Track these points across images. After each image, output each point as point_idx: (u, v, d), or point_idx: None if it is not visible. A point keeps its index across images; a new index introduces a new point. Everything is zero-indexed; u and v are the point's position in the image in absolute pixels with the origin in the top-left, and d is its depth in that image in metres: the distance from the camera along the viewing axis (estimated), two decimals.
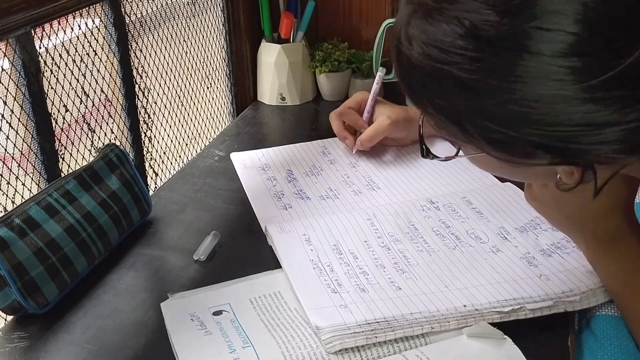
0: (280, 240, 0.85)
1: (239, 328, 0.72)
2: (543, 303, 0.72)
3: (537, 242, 0.84)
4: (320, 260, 0.82)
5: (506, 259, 0.81)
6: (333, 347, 0.68)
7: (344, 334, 0.68)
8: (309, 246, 0.84)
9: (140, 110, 1.08)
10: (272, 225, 0.88)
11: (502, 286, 0.76)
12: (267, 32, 1.35)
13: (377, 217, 0.90)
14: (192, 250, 0.87)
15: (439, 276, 0.79)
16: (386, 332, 0.69)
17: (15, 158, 0.86)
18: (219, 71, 1.34)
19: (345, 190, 1.01)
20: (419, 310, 0.72)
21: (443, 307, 0.73)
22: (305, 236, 0.86)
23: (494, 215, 0.90)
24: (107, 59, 1.00)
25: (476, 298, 0.74)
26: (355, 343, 0.68)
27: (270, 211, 0.96)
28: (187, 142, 1.24)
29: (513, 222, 0.88)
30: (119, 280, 0.84)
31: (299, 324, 0.72)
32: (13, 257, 0.74)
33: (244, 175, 1.07)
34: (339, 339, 0.68)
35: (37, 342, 0.74)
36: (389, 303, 0.74)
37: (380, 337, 0.69)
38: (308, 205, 0.97)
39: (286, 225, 0.89)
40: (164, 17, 1.15)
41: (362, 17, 1.36)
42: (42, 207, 0.79)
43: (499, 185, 0.97)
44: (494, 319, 0.71)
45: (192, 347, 0.70)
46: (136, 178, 0.93)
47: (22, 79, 0.83)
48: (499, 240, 0.85)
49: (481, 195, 0.95)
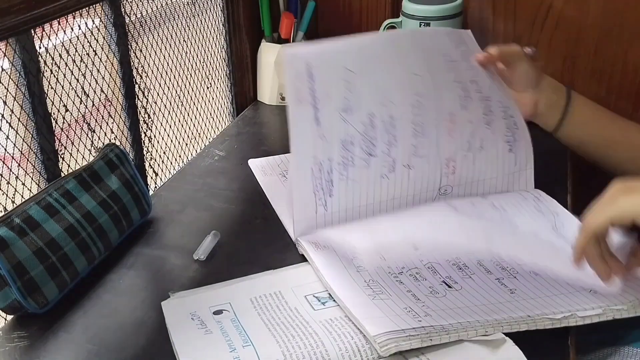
0: (319, 257, 0.82)
1: (239, 327, 0.72)
2: (593, 311, 0.72)
3: (556, 233, 0.84)
4: (366, 280, 0.78)
5: (563, 267, 0.79)
6: (388, 350, 0.67)
7: (400, 336, 0.68)
8: (352, 266, 0.81)
9: (140, 110, 1.08)
10: (307, 242, 0.85)
11: (558, 297, 0.75)
12: (267, 32, 1.35)
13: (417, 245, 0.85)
14: (192, 250, 0.87)
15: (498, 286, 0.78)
16: (441, 335, 0.68)
17: (15, 158, 0.86)
18: (219, 71, 1.34)
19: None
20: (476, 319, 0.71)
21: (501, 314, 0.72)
22: (346, 257, 0.82)
23: (513, 212, 0.90)
24: (107, 59, 1.00)
25: (533, 307, 0.73)
26: (411, 346, 0.67)
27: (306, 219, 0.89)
28: (187, 142, 1.24)
29: (532, 221, 0.88)
30: (119, 279, 0.84)
31: (299, 323, 0.72)
32: (13, 256, 0.74)
33: (266, 184, 1.05)
34: (394, 342, 0.67)
35: (37, 342, 0.74)
36: (444, 313, 0.72)
37: (435, 339, 0.68)
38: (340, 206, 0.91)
39: (320, 240, 0.85)
40: (164, 17, 1.15)
41: (362, 17, 1.36)
42: (42, 206, 0.79)
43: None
44: (546, 325, 0.70)
45: (192, 346, 0.70)
46: (136, 178, 0.93)
47: (22, 79, 0.83)
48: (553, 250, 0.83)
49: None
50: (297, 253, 0.86)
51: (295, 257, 0.85)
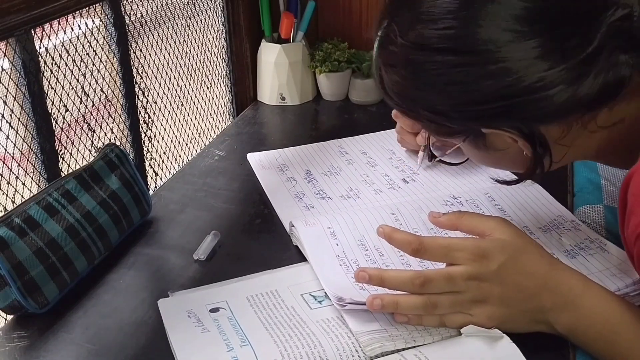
0: (306, 233, 0.84)
1: (236, 326, 0.72)
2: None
3: (561, 243, 0.83)
4: (346, 256, 0.81)
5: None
6: (373, 350, 0.67)
7: (382, 336, 0.68)
8: (334, 240, 0.83)
9: (140, 110, 1.08)
10: (297, 220, 0.87)
11: None
12: (267, 32, 1.35)
13: (400, 211, 0.89)
14: (192, 250, 0.88)
15: None
16: (424, 336, 0.68)
17: (15, 158, 0.86)
18: (219, 71, 1.34)
19: (366, 190, 1.01)
20: None
21: None
22: (330, 229, 0.85)
23: (516, 213, 0.90)
24: (107, 59, 1.00)
25: None
26: (395, 346, 0.67)
27: (292, 212, 0.95)
28: (187, 142, 1.25)
29: (536, 221, 0.87)
30: (119, 279, 0.84)
31: (297, 322, 0.72)
32: (13, 256, 0.74)
33: (263, 176, 1.06)
34: (378, 342, 0.67)
35: (37, 342, 0.74)
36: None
37: (419, 340, 0.68)
38: (330, 205, 0.97)
39: (310, 219, 0.88)
40: (164, 17, 1.15)
41: (362, 17, 1.36)
42: (42, 206, 0.80)
43: (522, 184, 0.97)
44: None
45: (189, 345, 0.70)
46: (136, 178, 0.93)
47: (22, 79, 0.83)
48: None
49: (504, 192, 0.94)
50: (297, 253, 0.86)
51: (295, 257, 0.85)
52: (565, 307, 0.67)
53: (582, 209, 0.90)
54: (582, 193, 0.94)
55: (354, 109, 1.34)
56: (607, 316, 0.66)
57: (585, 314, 0.67)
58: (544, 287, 0.68)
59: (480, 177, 1.02)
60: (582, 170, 0.99)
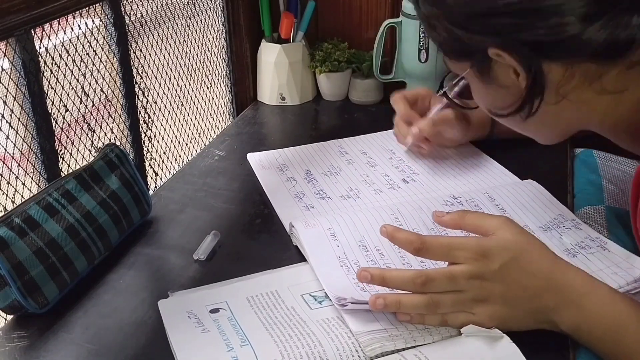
0: (306, 234, 0.84)
1: (236, 326, 0.72)
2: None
3: (562, 242, 0.83)
4: (347, 257, 0.81)
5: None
6: (373, 350, 0.67)
7: (382, 336, 0.68)
8: (335, 241, 0.83)
9: (140, 110, 1.08)
10: (298, 221, 0.87)
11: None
12: (267, 32, 1.35)
13: (401, 212, 0.89)
14: (192, 250, 0.88)
15: None
16: (424, 336, 0.68)
17: (15, 158, 0.86)
18: (219, 71, 1.34)
19: (366, 190, 1.01)
20: None
21: None
22: (330, 231, 0.85)
23: (516, 212, 0.90)
24: (107, 59, 1.00)
25: None
26: (395, 346, 0.67)
27: (292, 212, 0.95)
28: (187, 142, 1.25)
29: (536, 220, 0.87)
30: (119, 279, 0.84)
31: (297, 322, 0.72)
32: (13, 256, 0.74)
33: (263, 176, 1.06)
34: (378, 342, 0.67)
35: (37, 342, 0.74)
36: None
37: (419, 340, 0.68)
38: (330, 205, 0.97)
39: (310, 220, 0.88)
40: (164, 17, 1.15)
41: (362, 17, 1.36)
42: (42, 206, 0.80)
43: (522, 183, 0.97)
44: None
45: (190, 346, 0.70)
46: (136, 178, 0.93)
47: (22, 79, 0.83)
48: None
49: (504, 192, 0.94)
50: (297, 253, 0.86)
51: (295, 257, 0.85)
52: (569, 307, 0.67)
53: (584, 210, 0.90)
54: (583, 194, 0.94)
55: (354, 109, 1.34)
56: (613, 315, 0.66)
57: (590, 313, 0.67)
58: (547, 286, 0.67)
59: (481, 177, 1.02)
60: (583, 171, 0.99)
